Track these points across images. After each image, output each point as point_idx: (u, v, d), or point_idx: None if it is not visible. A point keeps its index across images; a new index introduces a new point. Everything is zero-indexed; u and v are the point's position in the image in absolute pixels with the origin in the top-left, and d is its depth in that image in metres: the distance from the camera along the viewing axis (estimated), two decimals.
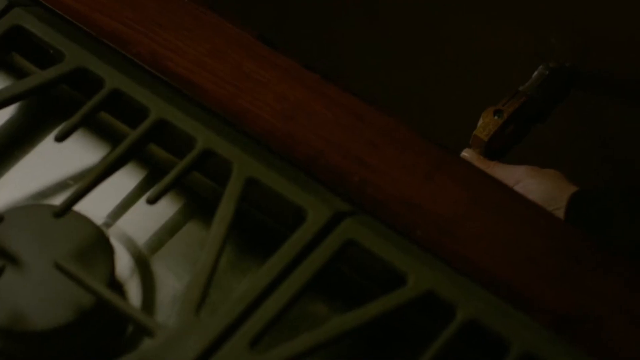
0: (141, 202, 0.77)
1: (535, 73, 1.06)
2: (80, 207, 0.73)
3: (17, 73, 0.82)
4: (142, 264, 0.75)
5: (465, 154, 0.94)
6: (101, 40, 0.80)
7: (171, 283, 0.75)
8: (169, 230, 0.77)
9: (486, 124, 1.00)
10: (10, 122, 0.81)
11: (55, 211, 0.71)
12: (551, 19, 1.04)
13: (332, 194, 0.72)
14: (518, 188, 0.87)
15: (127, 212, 0.78)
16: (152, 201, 0.72)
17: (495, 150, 1.00)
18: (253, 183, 0.72)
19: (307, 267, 0.68)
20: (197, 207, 0.78)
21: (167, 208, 0.78)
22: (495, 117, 1.00)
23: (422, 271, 0.67)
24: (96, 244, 0.72)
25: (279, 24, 1.34)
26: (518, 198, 0.73)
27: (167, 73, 0.78)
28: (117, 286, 0.74)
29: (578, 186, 0.92)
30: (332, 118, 0.76)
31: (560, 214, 0.84)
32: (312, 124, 0.76)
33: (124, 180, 0.79)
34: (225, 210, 0.70)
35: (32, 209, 0.74)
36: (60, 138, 0.74)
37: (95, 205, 0.76)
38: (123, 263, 0.75)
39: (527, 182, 0.88)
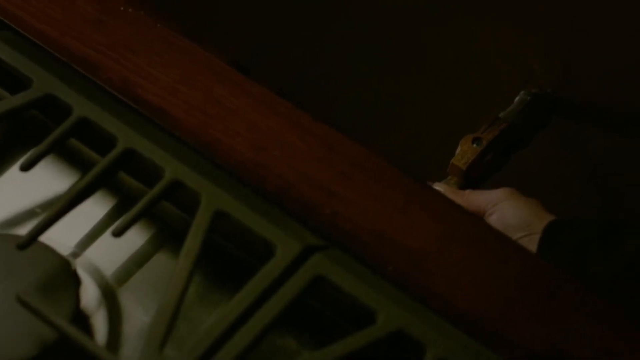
0: (110, 232, 0.76)
1: (517, 99, 1.04)
2: (47, 236, 0.72)
3: None
4: (109, 296, 0.74)
5: (438, 187, 0.92)
6: (71, 65, 0.78)
7: (138, 316, 0.73)
8: (138, 261, 0.76)
9: (464, 152, 0.98)
10: None
11: (19, 243, 0.70)
12: (533, 45, 1.03)
13: (303, 227, 0.70)
14: (495, 210, 0.85)
15: (95, 242, 0.76)
16: (117, 234, 0.70)
17: (474, 178, 0.98)
18: (221, 216, 0.70)
19: (276, 302, 0.67)
20: (167, 237, 0.77)
21: (136, 238, 0.76)
22: (474, 145, 0.98)
23: (392, 309, 0.66)
24: (61, 276, 0.71)
25: (269, 31, 1.33)
26: (492, 233, 0.71)
27: (138, 101, 0.76)
28: (83, 319, 0.72)
29: (557, 214, 0.91)
30: (305, 148, 0.75)
31: (534, 240, 0.83)
32: (284, 155, 0.74)
33: (93, 209, 0.77)
34: (192, 243, 0.69)
35: None
36: (25, 167, 0.72)
37: (63, 235, 0.75)
38: (90, 295, 0.73)
39: (504, 204, 0.86)
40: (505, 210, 0.85)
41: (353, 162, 0.74)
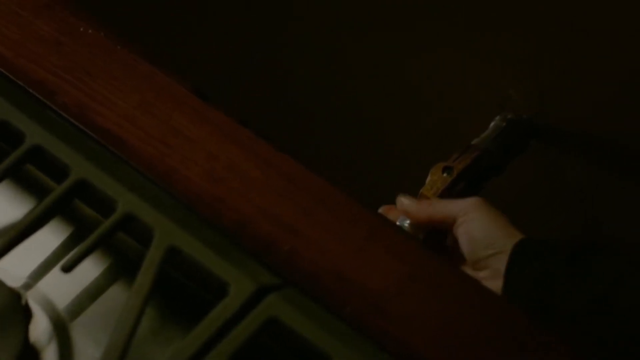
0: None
1: (492, 124, 1.01)
2: None
3: None
4: (61, 330, 0.72)
5: (402, 198, 0.89)
6: (26, 88, 0.76)
7: (90, 351, 0.71)
8: (92, 294, 0.73)
9: (434, 182, 0.95)
10: None
11: None
12: (509, 71, 1.00)
13: (259, 265, 0.68)
14: (463, 222, 0.82)
15: (49, 272, 0.74)
16: (66, 270, 0.68)
17: None
18: (174, 252, 0.68)
19: (228, 344, 0.64)
20: (124, 268, 0.75)
21: (91, 269, 0.74)
22: (444, 175, 0.95)
23: (346, 354, 0.63)
24: (10, 310, 0.68)
25: (232, 59, 1.30)
26: (456, 273, 0.69)
27: (94, 128, 0.74)
28: (33, 353, 0.70)
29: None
30: (265, 181, 0.72)
31: (502, 260, 0.80)
32: (242, 187, 0.72)
33: (48, 238, 0.75)
34: (143, 280, 0.66)
35: None
36: None
37: (15, 265, 0.72)
38: (41, 329, 0.71)
39: (472, 216, 0.82)
40: (474, 223, 0.82)
41: (314, 197, 0.71)
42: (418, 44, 1.06)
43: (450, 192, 0.95)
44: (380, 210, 0.92)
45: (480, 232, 0.82)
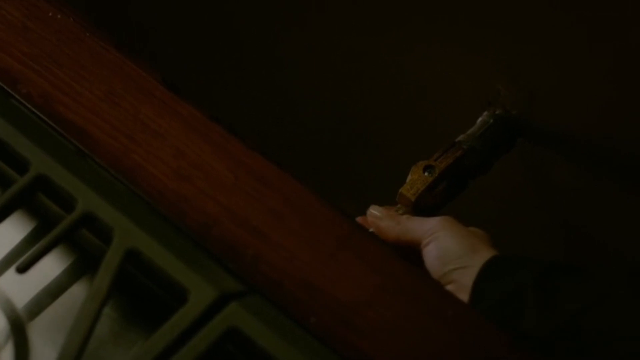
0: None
1: (479, 120, 0.97)
2: None
3: None
4: (18, 331, 0.69)
5: (373, 210, 0.85)
6: None
7: (47, 352, 0.68)
8: (52, 293, 0.70)
9: (414, 182, 0.91)
10: None
11: None
12: (499, 65, 0.96)
13: (223, 270, 0.65)
14: (431, 240, 0.79)
15: (9, 269, 0.70)
16: (21, 270, 0.65)
17: (425, 208, 0.91)
18: (134, 255, 0.65)
19: (186, 354, 0.61)
20: (87, 266, 0.71)
21: (53, 267, 0.71)
22: (426, 174, 0.91)
23: None
24: None
25: (206, 51, 1.26)
26: (431, 285, 0.65)
27: (58, 119, 0.71)
28: None
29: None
30: (233, 180, 0.69)
31: (468, 274, 0.76)
32: (210, 187, 0.68)
33: (10, 233, 0.72)
34: (99, 285, 0.63)
35: None
36: None
37: None
38: None
39: (441, 234, 0.79)
40: (442, 240, 0.79)
41: (285, 200, 0.68)
42: (404, 37, 1.02)
43: (431, 192, 0.91)
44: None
45: (448, 247, 0.79)
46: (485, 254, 0.78)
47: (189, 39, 1.24)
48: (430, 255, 0.80)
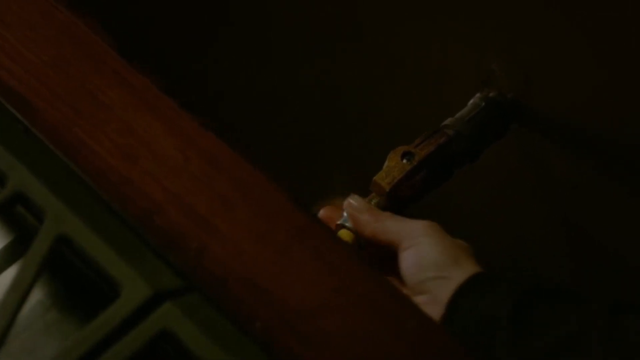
0: None
1: (469, 103, 0.89)
2: None
3: None
4: None
5: (352, 200, 0.78)
6: None
7: None
8: None
9: (390, 169, 0.83)
10: None
11: None
12: (495, 42, 0.88)
13: (162, 264, 0.59)
14: (412, 244, 0.73)
15: None
16: None
17: (401, 199, 0.83)
18: (65, 242, 0.59)
19: (115, 354, 0.56)
20: (25, 247, 0.65)
21: None
22: (404, 161, 0.83)
23: None
24: None
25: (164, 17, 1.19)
26: (391, 292, 0.59)
27: None
28: None
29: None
30: (182, 163, 0.62)
31: (444, 285, 0.70)
32: (156, 168, 0.62)
33: None
34: (23, 276, 0.57)
35: None
36: None
37: None
38: None
39: (424, 240, 0.73)
40: (422, 247, 0.73)
41: (237, 186, 0.62)
42: (395, 9, 0.94)
43: (408, 182, 0.83)
44: (322, 212, 0.81)
45: (429, 255, 0.73)
46: (468, 268, 0.72)
47: None
48: (408, 260, 0.74)
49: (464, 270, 0.72)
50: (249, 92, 1.15)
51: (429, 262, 0.72)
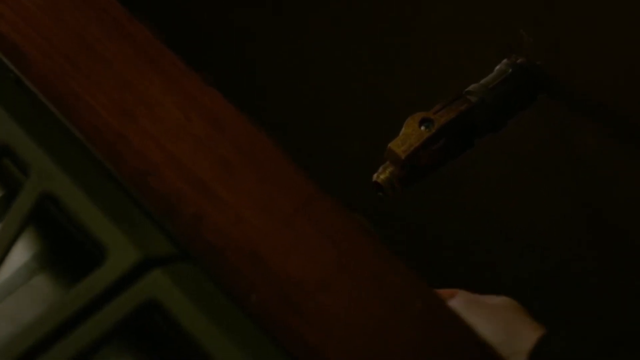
0: None
1: (496, 69, 0.84)
2: None
3: None
4: None
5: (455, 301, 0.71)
6: None
7: None
8: None
9: (407, 136, 0.77)
10: None
11: None
12: (523, 4, 0.82)
13: (155, 230, 0.54)
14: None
15: None
16: None
17: (419, 168, 0.78)
18: (49, 200, 0.55)
19: (93, 326, 0.52)
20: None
21: None
22: (422, 128, 0.78)
23: (235, 357, 0.50)
24: None
25: None
26: (399, 269, 0.55)
27: None
28: None
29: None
30: (183, 121, 0.58)
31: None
32: (154, 126, 0.58)
33: None
34: (4, 233, 0.53)
35: None
36: None
37: None
38: None
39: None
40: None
41: (241, 150, 0.58)
42: None
43: (425, 150, 0.78)
44: None
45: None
46: (528, 336, 0.66)
47: None
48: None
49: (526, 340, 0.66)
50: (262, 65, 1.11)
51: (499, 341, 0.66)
